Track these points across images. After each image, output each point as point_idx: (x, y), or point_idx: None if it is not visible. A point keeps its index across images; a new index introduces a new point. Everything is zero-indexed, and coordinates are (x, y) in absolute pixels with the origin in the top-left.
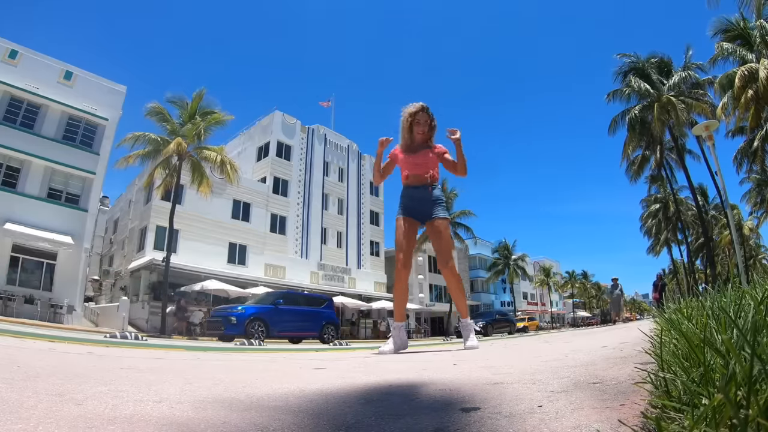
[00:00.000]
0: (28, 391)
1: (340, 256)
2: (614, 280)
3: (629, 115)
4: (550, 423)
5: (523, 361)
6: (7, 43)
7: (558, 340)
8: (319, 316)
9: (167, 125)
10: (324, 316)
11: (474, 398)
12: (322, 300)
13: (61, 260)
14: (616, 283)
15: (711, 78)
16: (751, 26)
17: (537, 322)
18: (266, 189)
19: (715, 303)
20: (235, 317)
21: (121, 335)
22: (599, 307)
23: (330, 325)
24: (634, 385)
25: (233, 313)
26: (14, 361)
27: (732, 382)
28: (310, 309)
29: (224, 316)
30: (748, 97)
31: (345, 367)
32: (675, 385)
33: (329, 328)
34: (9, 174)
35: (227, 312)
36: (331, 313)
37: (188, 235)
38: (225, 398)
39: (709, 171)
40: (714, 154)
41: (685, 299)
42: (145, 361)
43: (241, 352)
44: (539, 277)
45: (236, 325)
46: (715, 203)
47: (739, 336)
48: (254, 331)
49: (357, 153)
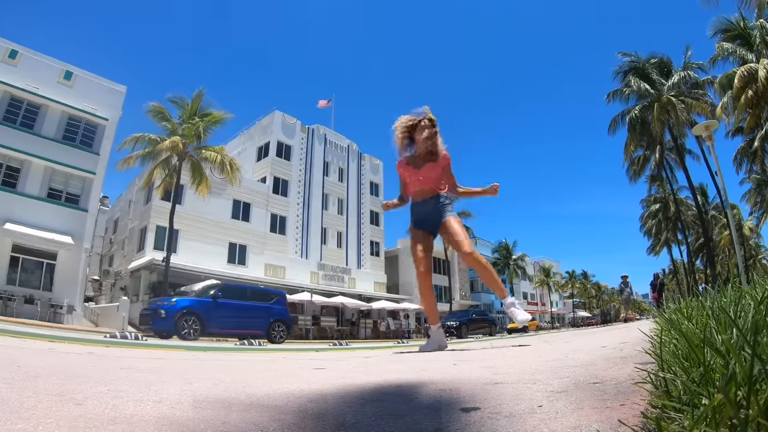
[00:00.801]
0: (28, 391)
1: (340, 256)
2: (624, 277)
3: (629, 115)
4: (550, 423)
5: (523, 361)
6: (7, 43)
7: (558, 340)
8: (267, 312)
9: (167, 124)
10: (273, 312)
11: (474, 398)
12: (273, 294)
13: (61, 260)
14: (626, 281)
15: (711, 78)
16: (751, 26)
17: (537, 322)
18: (266, 189)
19: (715, 303)
20: (165, 310)
21: (121, 335)
22: (599, 307)
23: (279, 323)
24: (634, 385)
25: (163, 305)
26: (14, 361)
27: (732, 382)
28: (256, 304)
29: (154, 309)
30: (748, 97)
31: (345, 367)
32: (675, 385)
33: (279, 326)
34: (9, 174)
35: (158, 304)
36: (281, 310)
37: (188, 235)
38: (225, 398)
39: (709, 171)
40: (714, 154)
41: (685, 299)
42: (145, 361)
43: (241, 352)
44: (539, 277)
45: (165, 319)
46: (715, 203)
47: (739, 336)
48: (186, 326)
49: (357, 153)
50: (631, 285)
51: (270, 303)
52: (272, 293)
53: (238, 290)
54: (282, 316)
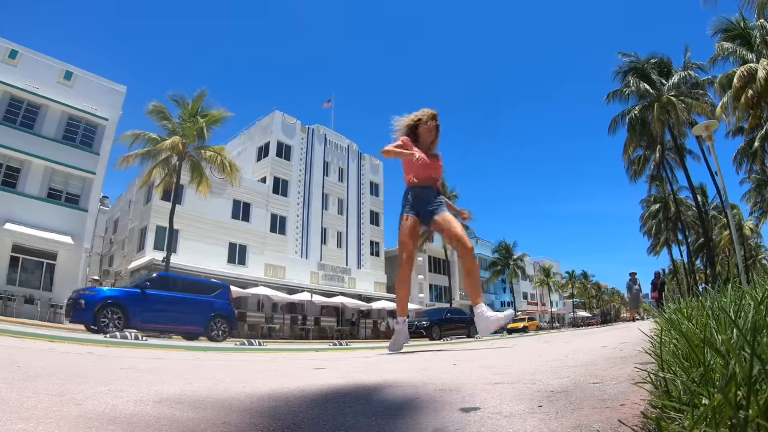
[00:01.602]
0: (28, 391)
1: (340, 256)
2: (632, 274)
3: (629, 116)
4: (550, 423)
5: (523, 361)
6: (7, 43)
7: (558, 340)
8: (207, 306)
9: (167, 123)
10: (213, 306)
11: (474, 398)
12: (214, 287)
13: (61, 260)
14: (635, 278)
15: (711, 78)
16: (751, 26)
17: (537, 322)
18: (266, 189)
19: (715, 303)
20: (85, 300)
21: (121, 335)
22: (599, 307)
23: (220, 319)
24: (634, 385)
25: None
26: (14, 361)
27: (732, 382)
28: (193, 297)
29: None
30: (748, 97)
31: (345, 367)
32: (675, 385)
33: (219, 322)
34: (9, 174)
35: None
36: (223, 304)
37: (188, 235)
38: (225, 398)
39: (709, 171)
40: (714, 154)
41: (685, 299)
42: (145, 361)
43: (241, 352)
44: (539, 277)
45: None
46: (715, 203)
47: (739, 336)
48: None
49: (357, 153)
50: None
51: (211, 296)
52: (214, 285)
53: (174, 281)
54: (224, 311)
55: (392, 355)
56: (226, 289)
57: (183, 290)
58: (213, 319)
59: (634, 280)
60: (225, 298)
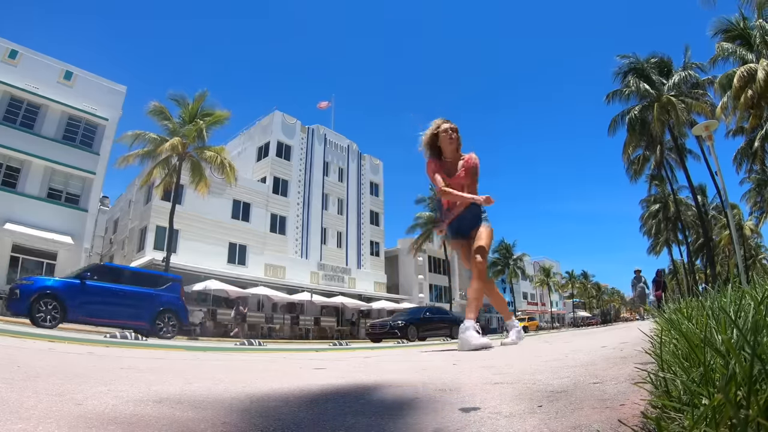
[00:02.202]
0: (28, 391)
1: (340, 256)
2: (637, 271)
3: (629, 116)
4: (550, 423)
5: (523, 361)
6: (7, 43)
7: (558, 340)
8: (153, 300)
9: (168, 124)
10: (162, 300)
11: (474, 398)
12: (163, 279)
13: (61, 260)
14: (639, 275)
15: (711, 78)
16: (751, 26)
17: (537, 322)
18: (266, 189)
19: (715, 303)
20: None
21: (121, 335)
22: (599, 307)
23: (168, 314)
24: (634, 385)
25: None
26: (14, 361)
27: (732, 382)
28: (138, 290)
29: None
30: (748, 97)
31: (345, 367)
32: (675, 385)
33: (167, 317)
34: (9, 174)
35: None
36: (173, 298)
37: (188, 235)
38: (225, 398)
39: (709, 171)
40: (714, 154)
41: (685, 299)
42: (145, 361)
43: (241, 352)
44: (539, 277)
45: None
46: (715, 203)
47: (739, 336)
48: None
49: (357, 153)
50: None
51: (159, 289)
52: (164, 277)
53: (119, 272)
54: (173, 305)
55: (392, 355)
56: (176, 282)
57: (129, 282)
58: (160, 314)
59: (639, 278)
60: (175, 292)
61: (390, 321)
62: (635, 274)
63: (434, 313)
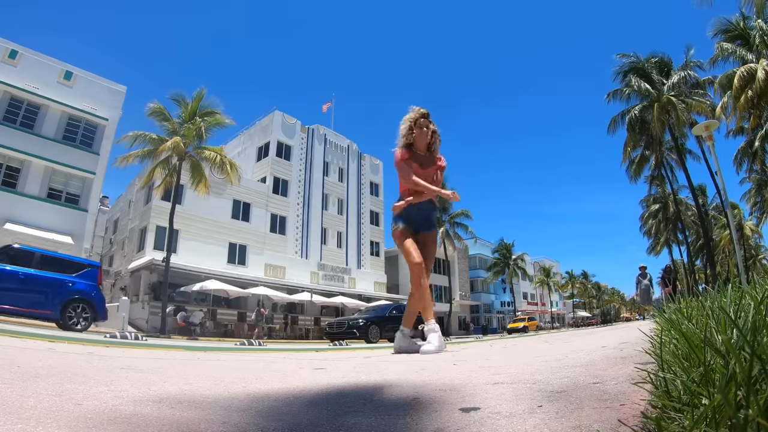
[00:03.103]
0: (28, 391)
1: (340, 256)
2: (642, 268)
3: (629, 116)
4: (550, 423)
5: (522, 361)
6: (7, 43)
7: (558, 340)
8: (63, 287)
9: (168, 124)
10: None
11: (474, 398)
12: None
13: None
14: (645, 271)
15: (711, 78)
16: (751, 25)
17: (537, 322)
18: (266, 189)
19: (715, 303)
20: None
21: (121, 335)
22: (599, 307)
23: (82, 304)
24: (634, 385)
25: None
26: (14, 361)
27: (732, 382)
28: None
29: None
30: (748, 98)
31: (345, 367)
32: (675, 385)
33: (78, 306)
34: (9, 174)
35: None
36: (87, 287)
37: (188, 235)
38: (225, 398)
39: (709, 171)
40: (714, 154)
41: (685, 299)
42: (145, 361)
43: (242, 352)
44: (539, 277)
45: None
46: (715, 203)
47: (739, 336)
48: None
49: (357, 153)
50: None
51: (71, 275)
52: (78, 263)
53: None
54: (87, 294)
55: (392, 355)
56: (93, 268)
57: (37, 266)
58: (70, 304)
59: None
60: (91, 279)
61: (348, 320)
62: (640, 270)
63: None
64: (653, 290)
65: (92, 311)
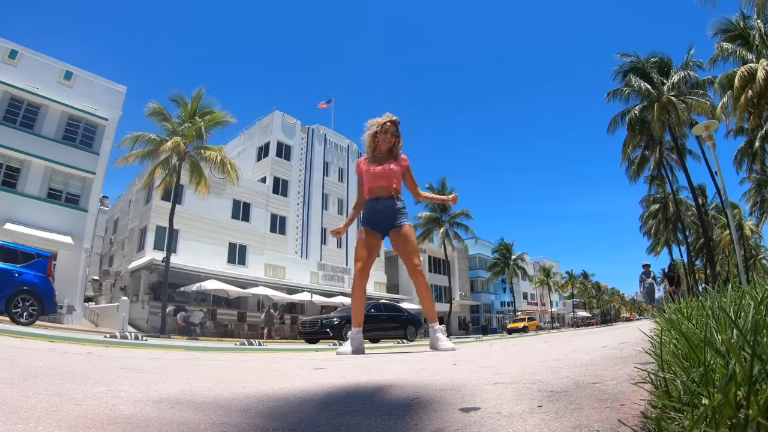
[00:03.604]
0: (28, 391)
1: (340, 256)
2: (646, 266)
3: (629, 115)
4: (550, 423)
5: (522, 361)
6: (7, 43)
7: (558, 340)
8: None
9: (167, 124)
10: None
11: (474, 398)
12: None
13: (61, 260)
14: (648, 270)
15: (711, 78)
16: (751, 25)
17: (537, 322)
18: (266, 189)
19: (715, 303)
20: None
21: (121, 335)
22: (599, 307)
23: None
24: (634, 385)
25: None
26: (14, 361)
27: (732, 382)
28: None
29: None
30: (748, 98)
31: (345, 367)
32: (675, 385)
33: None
34: (9, 174)
35: None
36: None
37: (188, 235)
38: (225, 398)
39: (709, 171)
40: (714, 154)
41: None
42: (145, 361)
43: (241, 352)
44: (539, 277)
45: None
46: (715, 203)
47: (739, 336)
48: None
49: (357, 153)
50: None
51: (17, 266)
52: (26, 253)
53: None
54: (35, 286)
55: (392, 355)
56: (42, 258)
57: None
58: (16, 296)
59: (648, 273)
60: (39, 270)
61: (322, 318)
62: (644, 268)
63: (383, 310)
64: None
65: (40, 304)
